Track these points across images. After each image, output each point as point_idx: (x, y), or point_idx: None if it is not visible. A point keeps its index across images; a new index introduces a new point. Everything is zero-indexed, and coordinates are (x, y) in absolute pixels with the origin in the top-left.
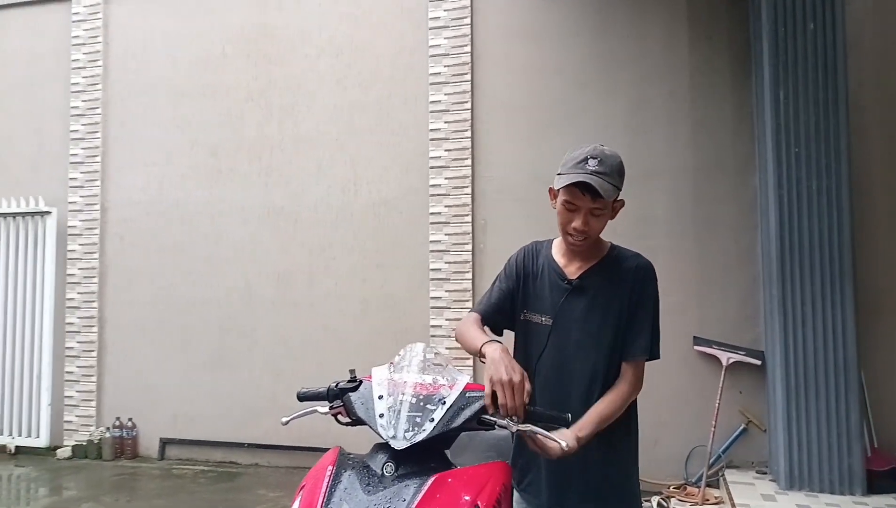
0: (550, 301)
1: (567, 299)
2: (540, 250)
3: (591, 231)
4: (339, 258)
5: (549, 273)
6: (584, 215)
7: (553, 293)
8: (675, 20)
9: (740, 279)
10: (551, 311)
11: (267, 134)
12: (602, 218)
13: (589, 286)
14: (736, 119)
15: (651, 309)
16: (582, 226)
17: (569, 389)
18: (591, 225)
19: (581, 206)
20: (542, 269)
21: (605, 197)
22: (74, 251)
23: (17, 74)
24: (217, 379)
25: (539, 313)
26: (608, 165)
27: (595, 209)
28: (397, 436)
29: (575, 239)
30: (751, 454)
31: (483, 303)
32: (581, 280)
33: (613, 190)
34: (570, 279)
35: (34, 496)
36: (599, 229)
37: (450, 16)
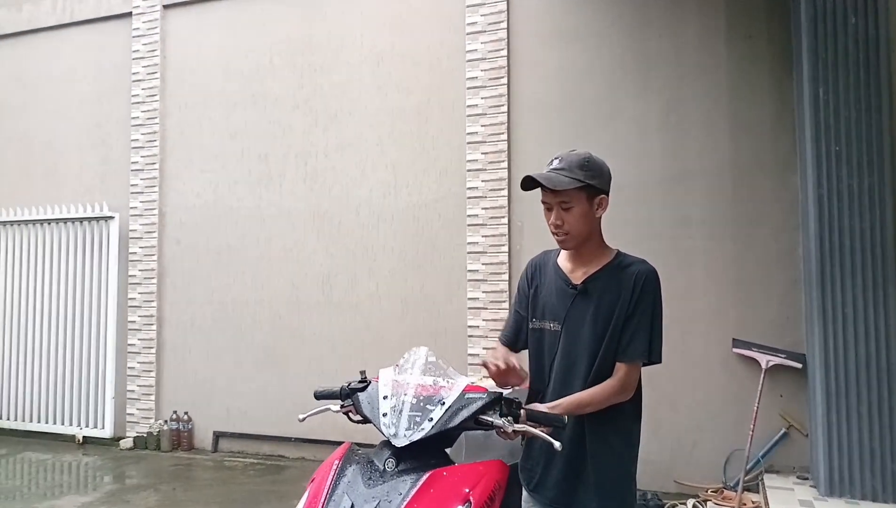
0: (559, 307)
1: (574, 303)
2: (548, 259)
3: (568, 226)
4: (380, 260)
5: (555, 280)
6: (556, 210)
7: (560, 299)
8: (711, 18)
9: (781, 280)
10: (560, 316)
11: (312, 140)
12: (574, 212)
13: (593, 290)
14: (776, 117)
15: (650, 313)
16: (555, 220)
17: (575, 389)
18: (566, 219)
19: (550, 202)
20: (549, 277)
21: (555, 188)
22: (135, 254)
23: (85, 89)
24: (266, 376)
25: (549, 320)
26: (567, 161)
27: (562, 203)
28: (398, 434)
29: (559, 237)
30: (792, 459)
31: (505, 331)
32: (585, 285)
33: (569, 181)
34: (575, 284)
35: (100, 483)
36: (577, 223)
37: (486, 21)
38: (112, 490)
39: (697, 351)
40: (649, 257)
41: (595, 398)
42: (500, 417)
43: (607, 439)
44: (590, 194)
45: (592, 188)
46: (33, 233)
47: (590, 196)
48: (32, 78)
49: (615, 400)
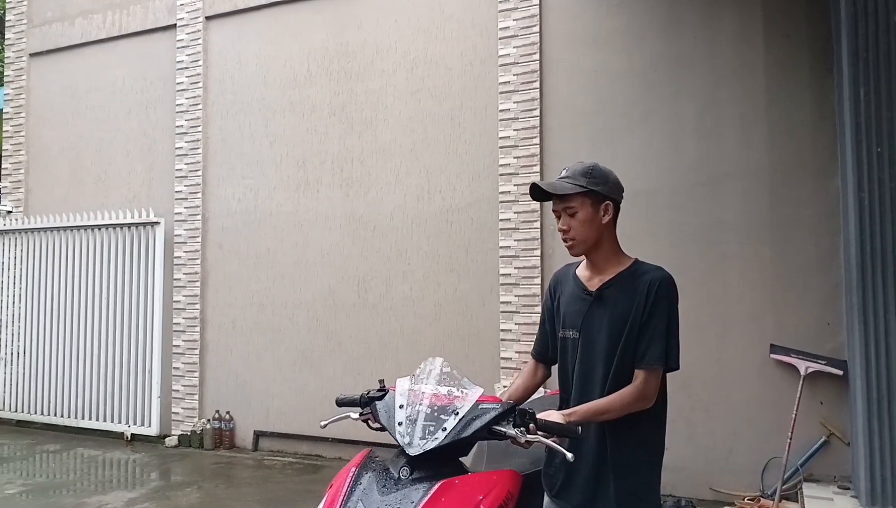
0: (576, 315)
1: (590, 310)
2: (568, 271)
3: (573, 232)
4: (414, 264)
5: (573, 289)
6: (563, 217)
7: (577, 307)
8: (748, 18)
9: (820, 286)
10: (577, 324)
11: (348, 146)
12: (578, 217)
13: (608, 297)
14: (816, 119)
15: (665, 319)
16: (561, 225)
17: (594, 396)
18: (571, 225)
19: (557, 209)
20: (569, 287)
21: (557, 192)
22: (180, 258)
23: (132, 99)
24: (304, 377)
25: (569, 329)
26: (571, 170)
27: (567, 208)
28: (412, 443)
29: (566, 243)
30: (833, 467)
31: (535, 346)
32: (601, 292)
33: (572, 186)
34: (590, 291)
35: (146, 480)
36: (582, 229)
37: (519, 25)
38: (157, 486)
39: (734, 357)
40: (684, 261)
41: (613, 405)
42: (514, 427)
43: (627, 447)
44: (594, 199)
45: (596, 194)
46: (84, 238)
47: (594, 202)
48: (83, 89)
49: (635, 408)
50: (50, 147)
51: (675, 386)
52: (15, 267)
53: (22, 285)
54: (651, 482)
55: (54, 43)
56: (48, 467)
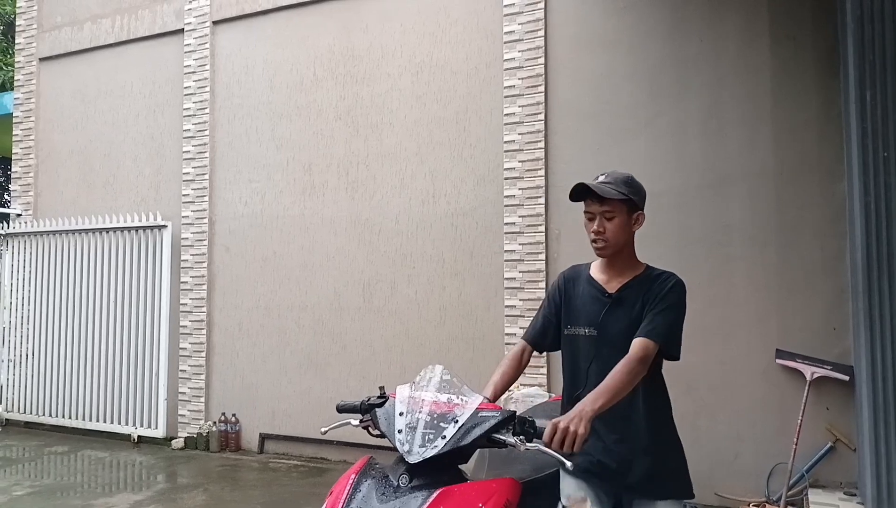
0: (593, 314)
1: (608, 311)
2: (580, 272)
3: (608, 234)
4: (419, 267)
5: (589, 290)
6: (599, 219)
7: (595, 306)
8: (754, 20)
9: (826, 290)
10: (595, 323)
11: (353, 150)
12: (615, 222)
13: (627, 298)
14: (822, 121)
15: (674, 308)
16: (598, 228)
17: None
18: (607, 228)
19: (594, 211)
20: (582, 287)
21: (604, 196)
22: (187, 261)
23: (140, 103)
24: (309, 380)
25: (583, 326)
26: (613, 177)
27: (606, 212)
28: (412, 451)
29: (598, 243)
30: (839, 473)
31: (529, 331)
32: (620, 293)
33: (615, 192)
34: (610, 293)
35: (153, 482)
36: (616, 233)
37: (524, 29)
38: (163, 488)
39: (738, 361)
40: (689, 264)
41: (622, 378)
42: (513, 436)
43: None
44: (630, 208)
45: (633, 204)
46: (92, 241)
47: (630, 210)
48: (92, 93)
49: (636, 373)
50: (59, 151)
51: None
52: (24, 270)
53: (30, 287)
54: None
55: (64, 47)
56: (56, 469)
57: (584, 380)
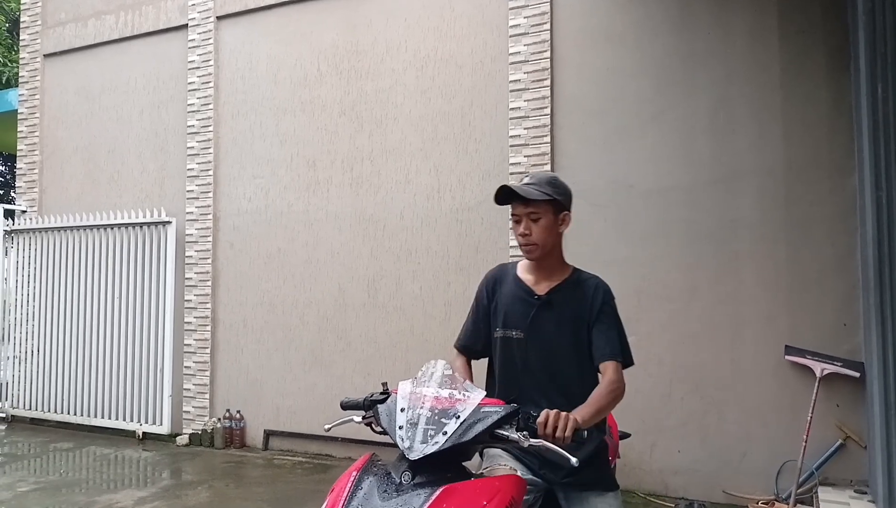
0: (521, 316)
1: (536, 313)
2: (506, 271)
3: (535, 236)
4: (424, 263)
5: (516, 291)
6: (525, 221)
7: (523, 308)
8: (762, 13)
9: (837, 286)
10: (522, 325)
11: (358, 145)
12: (541, 223)
13: (556, 302)
14: (833, 115)
15: (615, 321)
16: (524, 229)
17: (551, 395)
18: (533, 230)
19: (520, 214)
20: (509, 288)
21: (527, 197)
22: (191, 257)
23: (145, 99)
24: (314, 376)
25: (511, 329)
26: (537, 178)
27: (531, 214)
28: (413, 448)
29: (526, 247)
30: (849, 471)
31: (461, 337)
32: (549, 296)
33: (539, 193)
34: (538, 295)
35: (158, 478)
36: (543, 234)
37: (529, 23)
38: (167, 485)
39: (747, 358)
40: (697, 260)
41: (610, 398)
42: (517, 431)
43: None
44: (556, 208)
45: (559, 204)
46: (97, 237)
47: (555, 211)
48: (97, 89)
49: (617, 395)
50: (63, 147)
51: (687, 388)
52: (29, 266)
53: (35, 283)
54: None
55: (68, 44)
56: (61, 465)
57: (516, 384)
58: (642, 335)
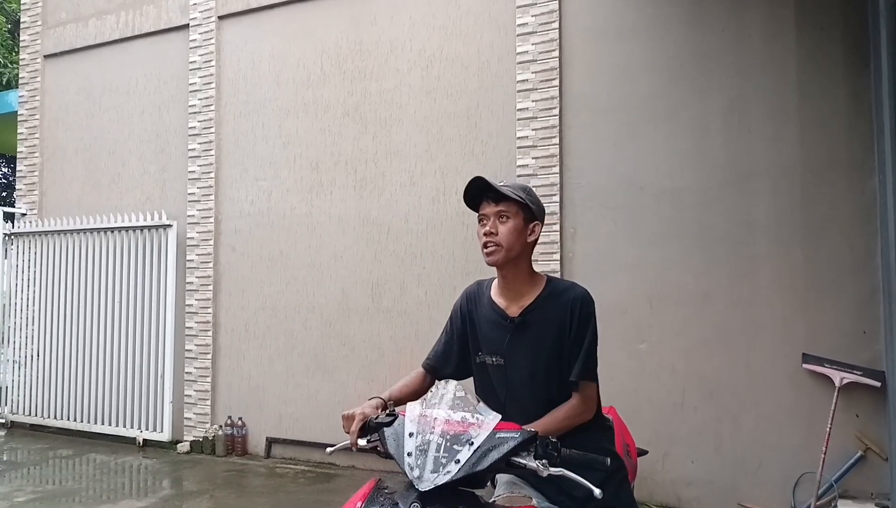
0: (497, 341)
1: (512, 336)
2: (482, 291)
3: (501, 237)
4: (429, 267)
5: (490, 315)
6: (493, 220)
7: (498, 333)
8: (779, 9)
9: (856, 291)
10: (500, 350)
11: (362, 147)
12: (509, 225)
13: (531, 322)
14: (852, 114)
15: (592, 338)
16: (490, 228)
17: (531, 419)
18: (500, 230)
19: (488, 213)
20: (484, 311)
21: (501, 192)
22: (192, 261)
23: (146, 100)
24: (317, 382)
25: (491, 355)
26: (511, 183)
27: (501, 212)
28: (423, 477)
29: (489, 248)
30: (870, 484)
31: (430, 357)
32: (523, 317)
33: (512, 193)
34: (512, 318)
35: (158, 487)
36: (510, 237)
37: (537, 21)
38: (167, 495)
39: (763, 365)
40: (711, 263)
41: (562, 422)
42: (535, 459)
43: None
44: (526, 215)
45: (530, 212)
46: (97, 241)
47: (526, 218)
48: (98, 90)
49: (579, 421)
50: (64, 149)
51: (701, 396)
52: (28, 270)
53: (35, 287)
54: None
55: (69, 44)
56: (59, 473)
57: (501, 410)
58: (654, 342)
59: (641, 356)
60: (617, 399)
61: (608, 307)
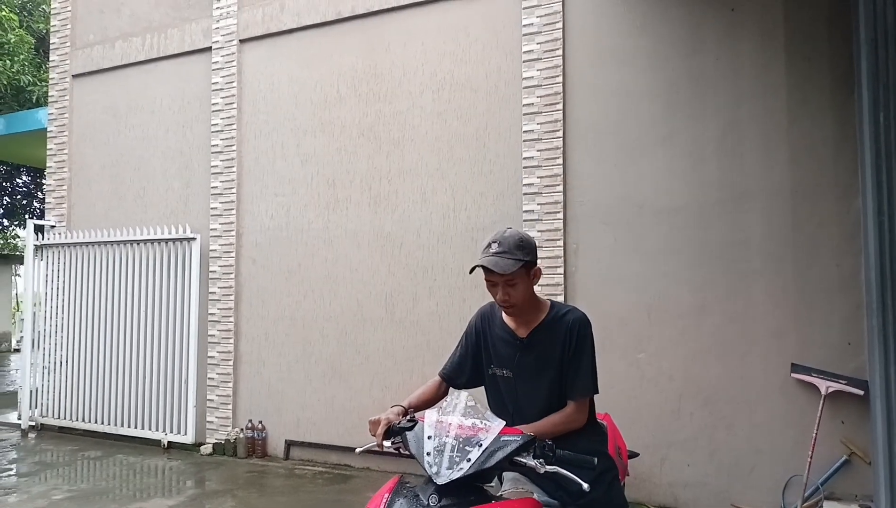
0: (508, 357)
1: (521, 354)
2: (495, 312)
3: (513, 299)
4: (440, 280)
5: (501, 334)
6: (503, 288)
7: (508, 350)
8: (770, 40)
9: (842, 306)
10: (510, 365)
11: (376, 165)
12: (519, 286)
13: (537, 342)
14: (838, 139)
15: (589, 354)
16: (503, 296)
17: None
18: (511, 294)
19: (496, 281)
20: (497, 331)
21: (504, 272)
22: (215, 272)
23: (170, 119)
24: (333, 388)
25: (501, 368)
26: (506, 245)
27: (508, 281)
28: (440, 473)
29: (506, 307)
30: (855, 486)
31: (447, 367)
32: (530, 338)
33: (513, 263)
34: (521, 338)
35: (183, 487)
36: (521, 295)
37: (542, 48)
38: (193, 494)
39: (755, 375)
40: (707, 279)
41: (559, 428)
42: (533, 459)
43: None
44: (527, 268)
45: (530, 264)
46: (124, 252)
47: (528, 270)
48: (124, 109)
49: (573, 426)
50: (91, 165)
51: (697, 403)
52: (57, 279)
53: (64, 296)
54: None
55: (96, 65)
56: (90, 473)
57: (508, 417)
58: (652, 352)
59: (641, 365)
60: (617, 406)
61: (609, 319)
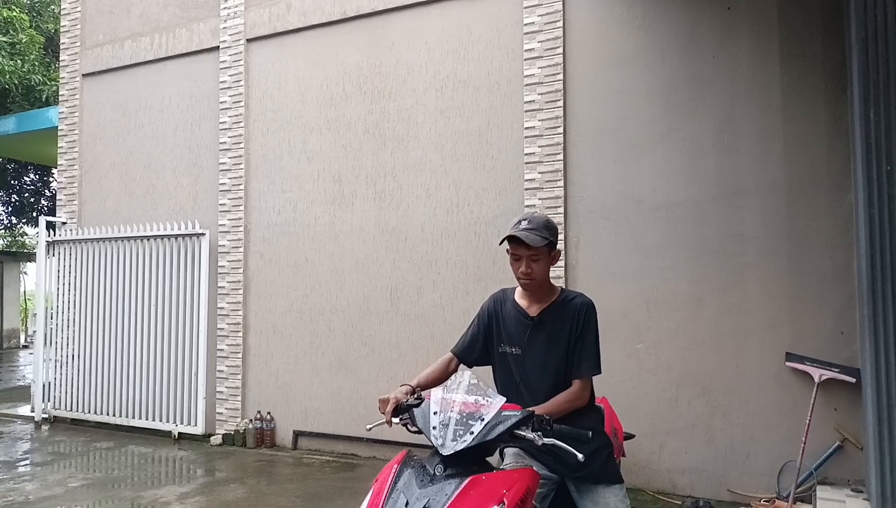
0: (518, 335)
1: (531, 332)
2: (507, 296)
3: (535, 273)
4: (444, 273)
5: (514, 314)
6: (526, 261)
7: (519, 328)
8: (765, 39)
9: (835, 297)
10: (519, 343)
11: (381, 162)
12: (541, 263)
13: (546, 321)
14: (831, 135)
15: (594, 336)
16: (525, 269)
17: (540, 401)
18: (533, 268)
19: (521, 255)
20: (509, 311)
21: (533, 245)
22: (224, 267)
23: (179, 117)
24: (340, 380)
25: (511, 346)
26: (535, 223)
27: (532, 256)
28: (445, 445)
29: (525, 281)
30: (847, 472)
31: (459, 344)
32: (540, 317)
33: (541, 239)
34: (532, 317)
35: (193, 476)
36: (541, 272)
37: (543, 47)
38: (205, 482)
39: (751, 364)
40: (704, 272)
41: (559, 407)
42: (532, 432)
43: None
44: (551, 248)
45: (553, 245)
46: (134, 248)
47: (550, 250)
48: (133, 107)
49: (572, 408)
50: (102, 162)
51: (694, 392)
52: (69, 275)
53: (75, 291)
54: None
55: (106, 64)
56: (104, 463)
57: (515, 393)
58: (651, 343)
59: (640, 356)
60: (617, 395)
61: (609, 311)
